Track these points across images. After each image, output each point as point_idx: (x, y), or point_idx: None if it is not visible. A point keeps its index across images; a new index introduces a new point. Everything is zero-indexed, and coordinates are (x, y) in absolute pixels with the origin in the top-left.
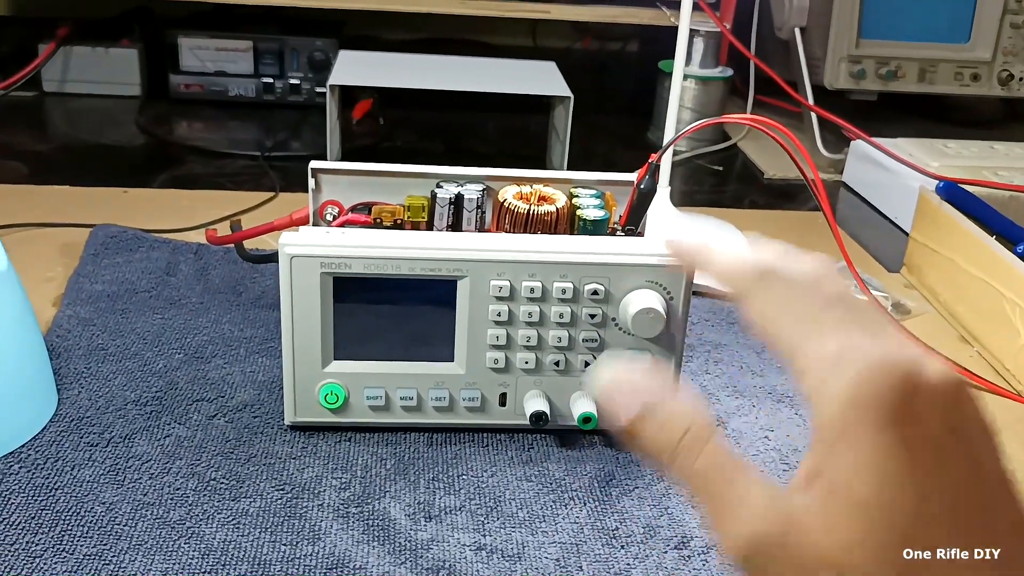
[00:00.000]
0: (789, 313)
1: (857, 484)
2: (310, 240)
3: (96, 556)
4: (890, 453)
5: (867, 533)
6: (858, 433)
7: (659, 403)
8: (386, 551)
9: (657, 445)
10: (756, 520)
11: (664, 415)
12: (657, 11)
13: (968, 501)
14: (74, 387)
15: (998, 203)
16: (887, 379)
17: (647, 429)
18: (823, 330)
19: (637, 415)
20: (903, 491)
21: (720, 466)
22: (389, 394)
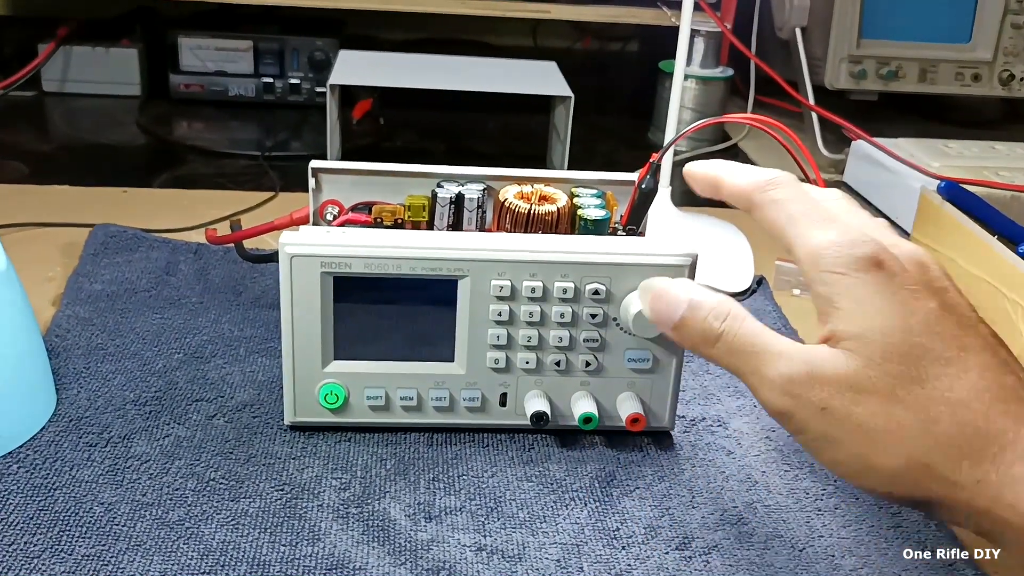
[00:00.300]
0: (787, 212)
1: (854, 323)
2: (310, 239)
3: (95, 557)
4: (876, 296)
5: (868, 356)
6: (850, 289)
7: (698, 301)
8: (386, 552)
9: (704, 333)
10: (787, 365)
11: (706, 309)
12: (658, 11)
13: (942, 327)
14: (73, 387)
15: (1000, 203)
16: (868, 247)
17: (694, 322)
18: (814, 225)
19: (680, 318)
20: (891, 320)
21: (756, 333)
22: (389, 394)
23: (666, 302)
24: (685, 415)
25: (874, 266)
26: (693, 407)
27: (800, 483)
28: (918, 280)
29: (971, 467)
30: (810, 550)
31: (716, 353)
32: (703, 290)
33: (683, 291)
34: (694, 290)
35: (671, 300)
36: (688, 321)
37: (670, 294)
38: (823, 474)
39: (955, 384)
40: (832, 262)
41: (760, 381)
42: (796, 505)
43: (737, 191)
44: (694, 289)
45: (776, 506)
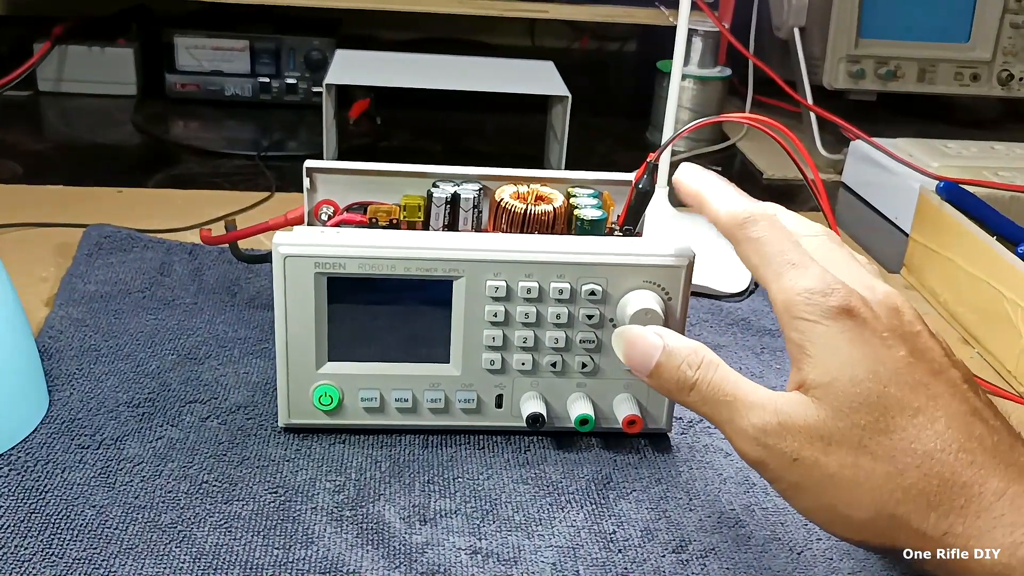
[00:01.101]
0: (765, 252)
1: (824, 371)
2: (304, 240)
3: (86, 560)
4: (846, 345)
5: (836, 406)
6: (821, 337)
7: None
8: (380, 555)
9: (678, 382)
10: (759, 416)
11: (679, 357)
12: (655, 11)
13: (911, 375)
14: (66, 388)
15: (999, 203)
16: (839, 295)
17: (668, 370)
18: (788, 269)
19: (655, 365)
20: (859, 369)
21: (729, 383)
22: (384, 396)
23: (640, 350)
24: (682, 417)
25: (845, 314)
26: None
27: None
28: (889, 327)
29: (938, 519)
30: (808, 553)
31: (690, 401)
32: (676, 337)
33: (656, 339)
34: (668, 337)
35: (645, 348)
36: (662, 369)
37: (644, 342)
38: None
39: (922, 435)
40: (804, 309)
41: (734, 431)
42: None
43: (717, 221)
44: (668, 336)
45: (774, 508)
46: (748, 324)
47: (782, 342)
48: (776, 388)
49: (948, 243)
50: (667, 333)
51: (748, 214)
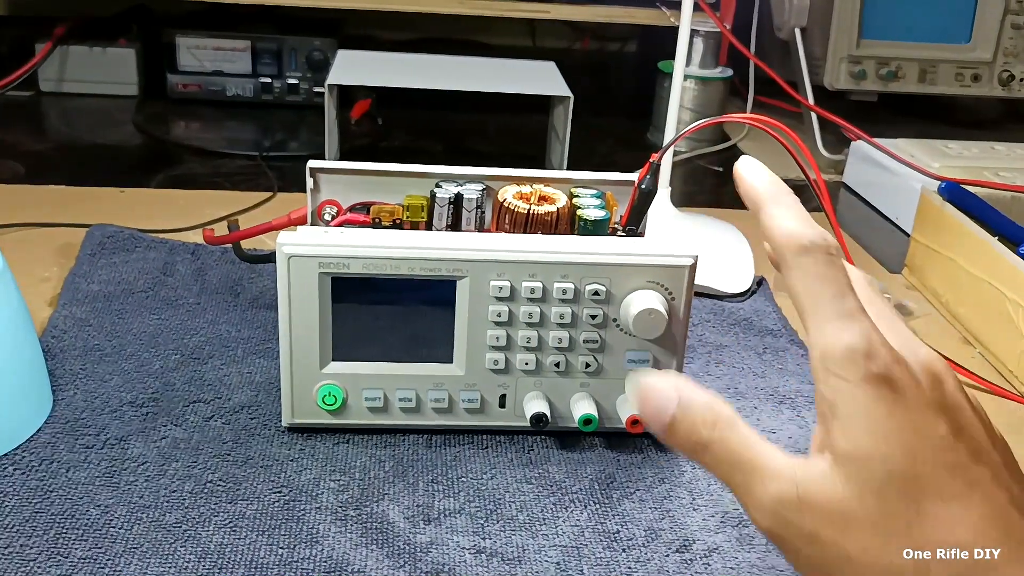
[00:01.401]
0: (814, 292)
1: (855, 443)
2: (308, 240)
3: (91, 559)
4: (882, 417)
5: (865, 484)
6: (855, 401)
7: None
8: (384, 554)
9: (693, 441)
10: (776, 486)
11: (695, 414)
12: (656, 11)
13: (950, 457)
14: (69, 388)
15: (1000, 204)
16: (882, 361)
17: (683, 427)
18: (834, 318)
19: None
20: (894, 447)
21: (745, 446)
22: (388, 395)
23: (654, 404)
24: None
25: (885, 382)
26: None
27: None
28: (931, 399)
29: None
30: None
31: (704, 462)
32: (692, 389)
33: (671, 392)
34: (683, 389)
35: (659, 402)
36: (677, 427)
37: (658, 394)
38: None
39: (955, 527)
40: (843, 368)
41: (749, 500)
42: None
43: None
44: (683, 387)
45: None
46: (750, 324)
47: (784, 341)
48: (778, 388)
49: (949, 243)
50: (682, 384)
51: (809, 241)
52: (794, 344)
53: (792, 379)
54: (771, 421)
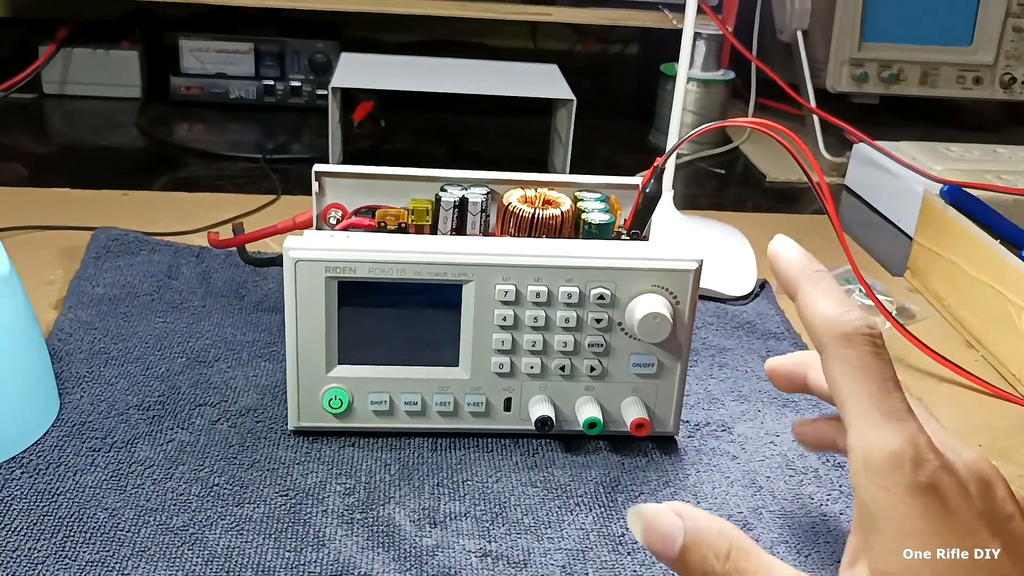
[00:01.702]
0: (858, 386)
1: (895, 561)
2: (314, 244)
3: (99, 563)
4: (926, 533)
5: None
6: (897, 513)
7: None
8: (391, 557)
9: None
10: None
11: (705, 545)
12: (659, 14)
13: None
14: (76, 391)
15: (1002, 207)
16: (929, 469)
17: (694, 559)
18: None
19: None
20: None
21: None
22: (393, 399)
23: (660, 534)
24: (689, 420)
25: (931, 492)
26: (697, 412)
27: (805, 488)
28: (980, 511)
29: None
30: (815, 555)
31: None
32: (698, 516)
33: (675, 520)
34: (688, 517)
35: (664, 532)
36: (688, 557)
37: (663, 524)
38: (827, 479)
39: None
40: (885, 476)
41: None
42: (801, 511)
43: (810, 322)
44: (688, 515)
45: (780, 511)
46: (753, 327)
47: (787, 345)
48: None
49: (952, 246)
50: (687, 511)
51: (852, 329)
52: (797, 347)
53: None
54: (775, 424)
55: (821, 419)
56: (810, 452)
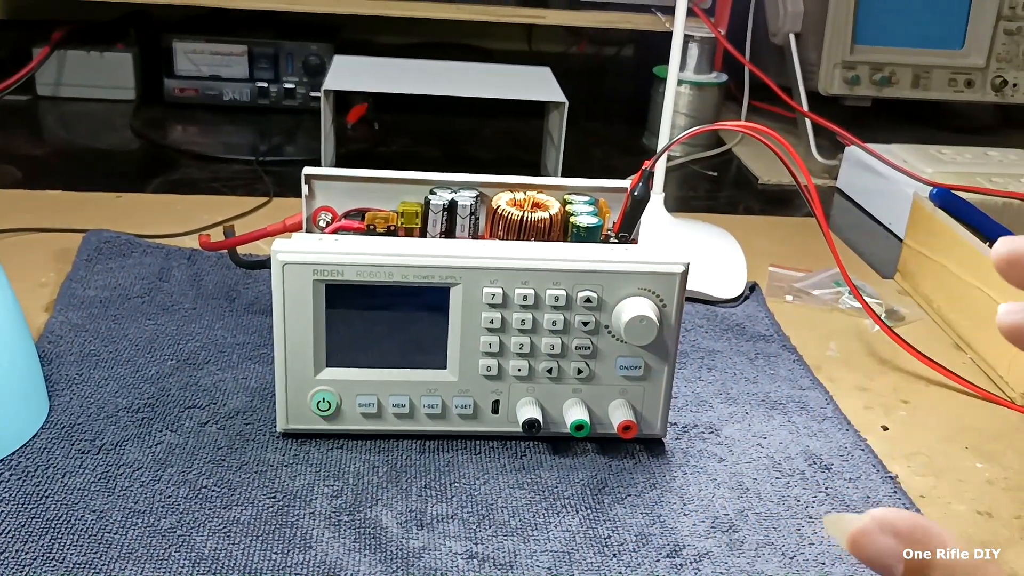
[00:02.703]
0: None
1: None
2: (303, 247)
3: (86, 564)
4: None
5: None
6: None
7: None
8: (378, 559)
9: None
10: None
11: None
12: (652, 16)
13: None
14: (65, 393)
15: (992, 210)
16: None
17: None
18: None
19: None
20: None
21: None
22: (381, 401)
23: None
24: (677, 422)
25: None
26: (685, 414)
27: (791, 490)
28: None
29: None
30: (801, 557)
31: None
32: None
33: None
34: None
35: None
36: None
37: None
38: (814, 481)
39: None
40: None
41: None
42: (787, 512)
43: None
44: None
45: (767, 513)
46: (742, 330)
47: (776, 347)
48: (769, 393)
49: (941, 249)
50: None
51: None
52: (786, 350)
53: (783, 384)
54: (762, 426)
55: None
56: None
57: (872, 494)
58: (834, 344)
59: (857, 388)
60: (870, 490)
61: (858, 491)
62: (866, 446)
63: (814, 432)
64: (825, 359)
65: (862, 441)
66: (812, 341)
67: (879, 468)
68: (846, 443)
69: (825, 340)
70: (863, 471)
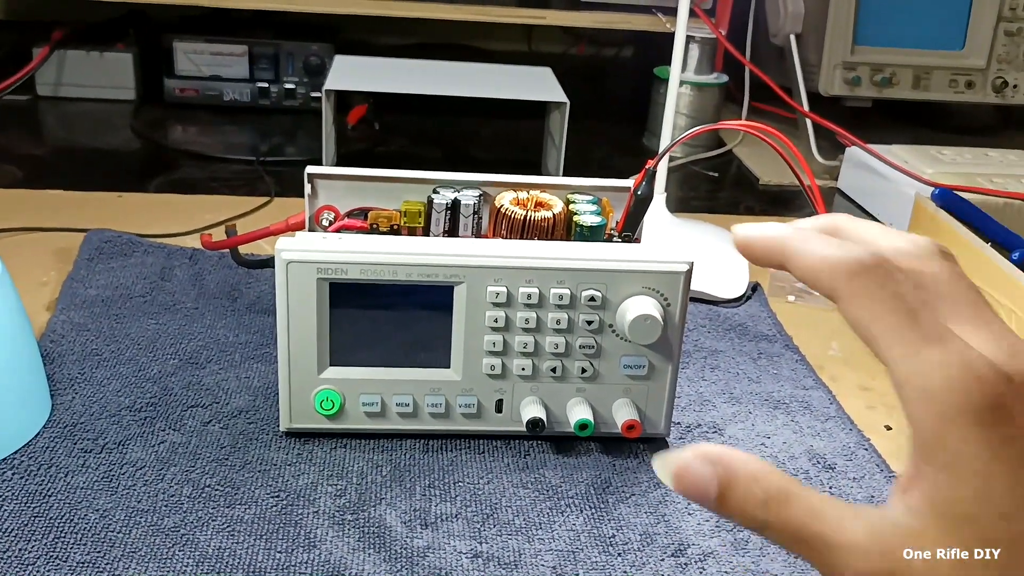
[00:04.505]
0: (883, 319)
1: (954, 494)
2: (306, 245)
3: (90, 563)
4: (986, 459)
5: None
6: (952, 440)
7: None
8: (382, 559)
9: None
10: (863, 561)
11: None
12: (652, 17)
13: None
14: (68, 393)
15: (993, 210)
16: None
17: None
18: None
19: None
20: (1004, 499)
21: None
22: (385, 400)
23: (691, 485)
24: (680, 421)
25: (994, 413)
26: (688, 413)
27: None
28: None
29: None
30: None
31: (768, 539)
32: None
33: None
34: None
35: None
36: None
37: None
38: (818, 481)
39: None
40: (944, 404)
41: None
42: None
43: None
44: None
45: None
46: (745, 329)
47: (779, 347)
48: (772, 393)
49: None
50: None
51: (855, 262)
52: (788, 349)
53: (787, 384)
54: (765, 426)
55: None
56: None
57: (876, 493)
58: (836, 344)
59: (860, 387)
60: (874, 489)
61: (862, 490)
62: (869, 445)
63: (817, 432)
64: (827, 359)
65: (865, 440)
66: (814, 341)
67: (883, 467)
68: (850, 443)
69: (827, 340)
70: (867, 470)
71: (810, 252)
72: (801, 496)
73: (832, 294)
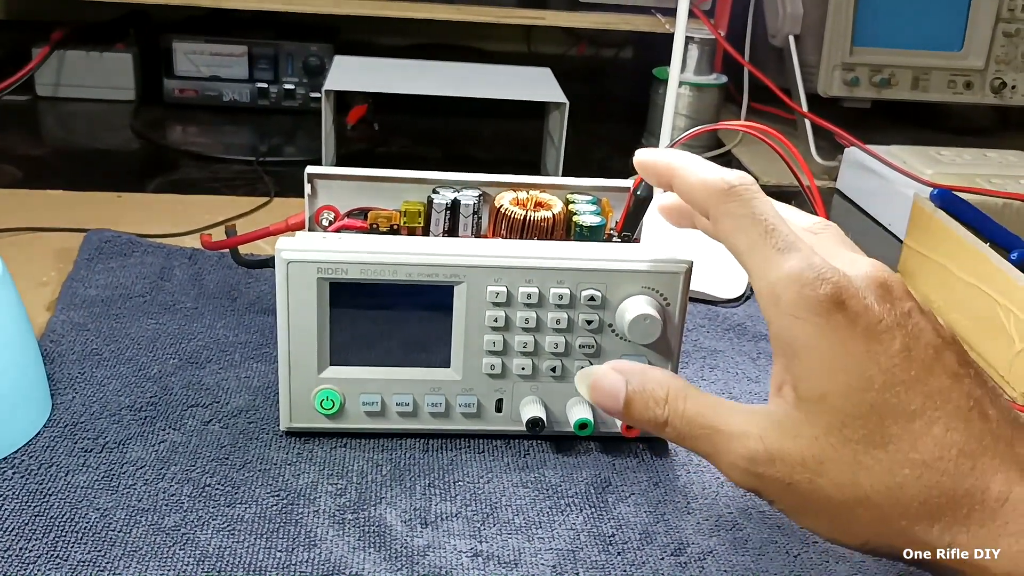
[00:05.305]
0: (745, 232)
1: (813, 381)
2: (306, 245)
3: (90, 563)
4: (836, 347)
5: (827, 422)
6: (810, 338)
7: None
8: (382, 557)
9: (650, 421)
10: (744, 446)
11: (645, 395)
12: (652, 18)
13: (906, 373)
14: (68, 392)
15: (992, 211)
16: (829, 285)
17: (634, 411)
18: (773, 254)
19: (624, 405)
20: (851, 377)
21: (701, 414)
22: (385, 400)
23: (605, 393)
24: None
25: (836, 307)
26: None
27: None
28: (881, 314)
29: (941, 530)
30: (804, 556)
31: (669, 437)
32: (640, 372)
33: (618, 378)
34: (631, 372)
35: (609, 390)
36: (632, 410)
37: (607, 384)
38: None
39: (919, 442)
40: (791, 304)
41: (720, 463)
42: None
43: (690, 193)
44: (630, 371)
45: (771, 512)
46: (744, 329)
47: None
48: None
49: (941, 249)
50: (628, 368)
51: (727, 185)
52: None
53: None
54: None
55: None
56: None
57: None
58: None
59: None
60: None
61: None
62: None
63: None
64: None
65: None
66: None
67: None
68: None
69: None
70: None
71: (691, 173)
72: (698, 395)
73: (707, 212)
